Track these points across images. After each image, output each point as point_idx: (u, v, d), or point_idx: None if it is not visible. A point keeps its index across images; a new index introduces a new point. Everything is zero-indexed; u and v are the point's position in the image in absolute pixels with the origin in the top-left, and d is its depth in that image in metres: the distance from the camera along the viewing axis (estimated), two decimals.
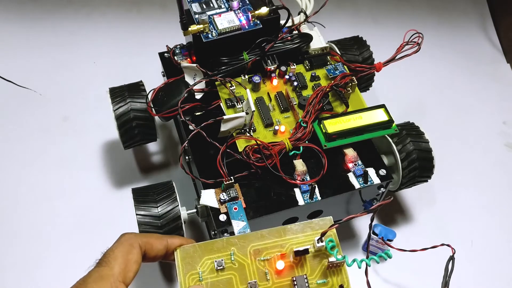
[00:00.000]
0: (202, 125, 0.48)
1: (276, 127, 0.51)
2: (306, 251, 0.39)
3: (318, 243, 0.39)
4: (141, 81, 0.59)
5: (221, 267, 0.39)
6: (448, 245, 0.48)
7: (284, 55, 0.56)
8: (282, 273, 0.40)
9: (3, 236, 0.60)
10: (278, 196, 0.48)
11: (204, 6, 0.55)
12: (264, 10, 0.54)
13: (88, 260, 0.39)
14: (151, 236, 0.41)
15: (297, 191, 0.48)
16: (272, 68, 0.56)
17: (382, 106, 0.52)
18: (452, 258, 0.47)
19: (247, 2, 0.56)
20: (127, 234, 0.40)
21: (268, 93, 0.55)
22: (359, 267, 0.39)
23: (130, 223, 0.48)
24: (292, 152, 0.49)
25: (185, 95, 0.51)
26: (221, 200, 0.46)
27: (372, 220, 0.42)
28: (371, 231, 0.54)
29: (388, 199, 0.39)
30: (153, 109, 0.52)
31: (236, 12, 0.55)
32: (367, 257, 0.40)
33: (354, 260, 0.39)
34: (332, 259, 0.39)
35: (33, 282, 0.57)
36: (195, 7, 0.55)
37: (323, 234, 0.39)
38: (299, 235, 0.41)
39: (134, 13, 0.89)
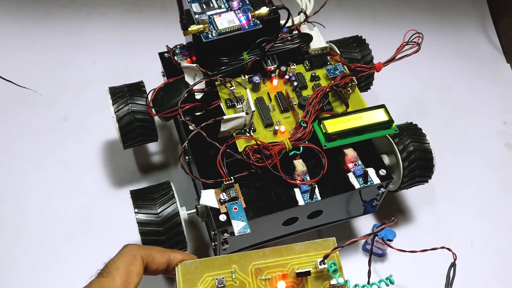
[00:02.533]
0: (202, 125, 0.48)
1: (276, 127, 0.51)
2: (308, 273, 0.39)
3: (320, 265, 0.39)
4: (141, 81, 0.59)
5: (222, 285, 0.39)
6: (448, 249, 0.48)
7: (284, 55, 0.56)
8: None
9: (3, 237, 0.60)
10: (278, 196, 0.48)
11: (204, 6, 0.55)
12: (264, 10, 0.54)
13: (87, 259, 0.39)
14: (153, 249, 0.41)
15: (297, 191, 0.48)
16: (272, 68, 0.56)
17: (382, 106, 0.52)
18: (453, 264, 0.47)
19: (247, 2, 0.56)
20: (129, 246, 0.40)
21: (268, 93, 0.55)
22: None
23: (130, 223, 0.48)
24: (292, 152, 0.49)
25: (185, 95, 0.51)
26: (221, 200, 0.46)
27: (372, 243, 0.42)
28: (371, 232, 0.54)
29: (392, 221, 0.39)
30: (153, 109, 0.52)
31: (236, 12, 0.55)
32: (370, 258, 0.40)
33: (356, 286, 0.39)
34: (334, 282, 0.39)
35: (32, 281, 0.56)
36: (195, 7, 0.55)
37: (325, 256, 0.39)
38: (301, 255, 0.40)
39: (134, 13, 0.89)
